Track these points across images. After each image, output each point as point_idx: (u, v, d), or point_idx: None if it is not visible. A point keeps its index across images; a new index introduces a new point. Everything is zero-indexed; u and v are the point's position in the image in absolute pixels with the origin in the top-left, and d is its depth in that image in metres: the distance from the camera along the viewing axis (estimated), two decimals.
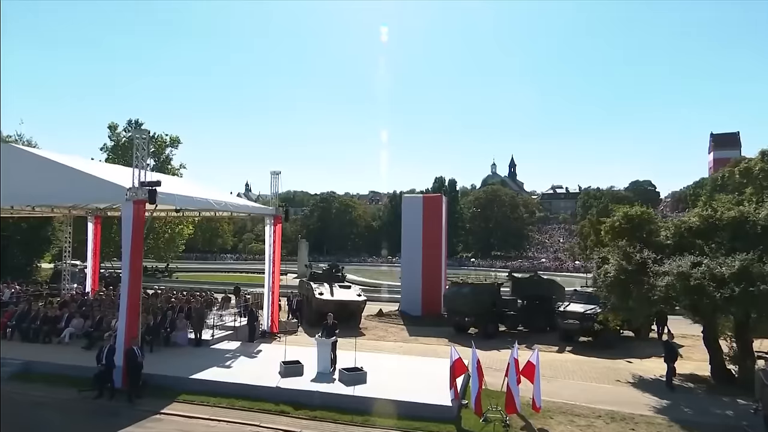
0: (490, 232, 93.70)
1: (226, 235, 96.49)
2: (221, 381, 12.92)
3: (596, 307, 19.46)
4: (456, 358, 12.03)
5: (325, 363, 13.69)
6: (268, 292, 20.45)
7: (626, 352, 19.07)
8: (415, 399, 11.62)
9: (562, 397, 12.99)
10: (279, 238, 20.83)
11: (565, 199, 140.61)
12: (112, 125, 48.44)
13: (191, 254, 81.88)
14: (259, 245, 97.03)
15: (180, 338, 17.05)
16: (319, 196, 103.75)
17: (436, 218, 29.43)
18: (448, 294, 23.91)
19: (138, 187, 13.42)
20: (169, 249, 50.62)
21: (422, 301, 27.88)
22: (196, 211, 22.00)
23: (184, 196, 15.42)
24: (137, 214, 13.44)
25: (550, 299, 23.34)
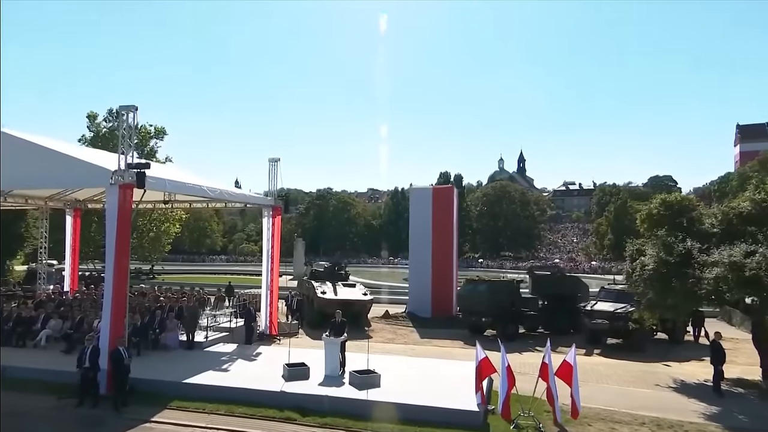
0: (499, 230, 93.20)
1: (216, 236, 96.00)
2: (218, 385, 12.48)
3: (627, 306, 19.07)
4: (482, 358, 11.58)
5: (334, 365, 13.29)
6: (266, 290, 19.97)
7: (661, 355, 18.63)
8: (436, 403, 11.25)
9: (597, 403, 12.55)
10: (278, 231, 20.38)
11: (578, 196, 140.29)
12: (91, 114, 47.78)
13: (177, 255, 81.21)
14: (250, 246, 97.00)
15: (170, 340, 16.60)
16: (316, 193, 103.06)
17: (447, 211, 28.97)
18: (462, 292, 23.51)
19: (124, 169, 12.89)
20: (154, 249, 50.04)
21: (432, 302, 27.42)
22: (186, 203, 21.63)
23: (175, 182, 14.92)
24: (123, 199, 12.94)
25: (573, 298, 22.92)
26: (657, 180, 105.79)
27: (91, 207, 24.02)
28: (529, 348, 19.51)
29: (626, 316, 18.66)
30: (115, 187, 12.87)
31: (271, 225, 20.07)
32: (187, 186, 15.37)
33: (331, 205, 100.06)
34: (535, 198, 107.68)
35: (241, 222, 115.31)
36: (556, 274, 24.48)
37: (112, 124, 45.10)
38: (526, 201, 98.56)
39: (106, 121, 47.29)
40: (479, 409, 11.13)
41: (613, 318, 19.25)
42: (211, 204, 21.37)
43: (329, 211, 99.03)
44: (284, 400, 11.67)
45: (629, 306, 18.87)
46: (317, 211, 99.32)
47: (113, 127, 43.33)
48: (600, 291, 21.93)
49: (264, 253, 20.25)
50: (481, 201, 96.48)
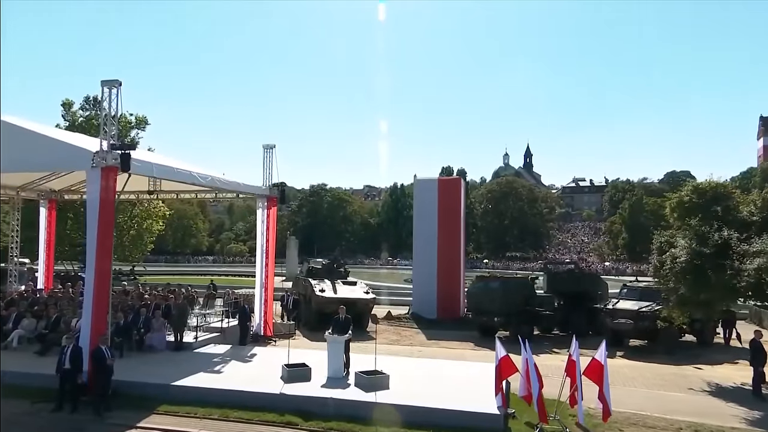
0: (505, 229, 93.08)
1: (201, 235, 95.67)
2: (211, 388, 12.22)
3: (653, 304, 18.84)
4: (502, 356, 11.33)
5: (337, 365, 13.05)
6: (261, 288, 19.63)
7: (690, 358, 18.42)
8: (452, 406, 11.07)
9: (626, 407, 12.34)
10: (274, 224, 20.07)
11: (589, 193, 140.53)
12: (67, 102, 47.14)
13: (160, 256, 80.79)
14: (239, 246, 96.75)
15: (156, 340, 16.29)
16: (309, 189, 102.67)
17: (454, 205, 28.74)
18: (473, 290, 23.28)
19: (107, 151, 12.50)
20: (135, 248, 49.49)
21: (438, 302, 27.14)
22: (173, 193, 21.22)
23: (162, 166, 14.56)
24: (106, 184, 12.58)
25: (592, 297, 22.71)
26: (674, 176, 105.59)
27: (69, 198, 23.55)
28: (546, 350, 19.29)
29: (652, 315, 18.43)
30: (96, 171, 12.52)
31: (265, 217, 19.71)
32: (176, 171, 14.98)
33: (325, 202, 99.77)
34: (543, 195, 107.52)
35: (228, 221, 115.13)
36: (574, 271, 24.17)
37: (89, 112, 44.48)
38: (534, 198, 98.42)
39: (83, 109, 46.67)
40: (500, 412, 10.88)
41: (637, 317, 18.97)
42: (200, 194, 20.97)
43: (323, 209, 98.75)
44: (284, 403, 11.44)
45: (655, 304, 18.65)
46: (311, 209, 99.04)
47: (91, 116, 42.73)
48: (622, 289, 21.68)
49: (258, 248, 19.92)
50: (486, 198, 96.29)
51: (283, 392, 11.81)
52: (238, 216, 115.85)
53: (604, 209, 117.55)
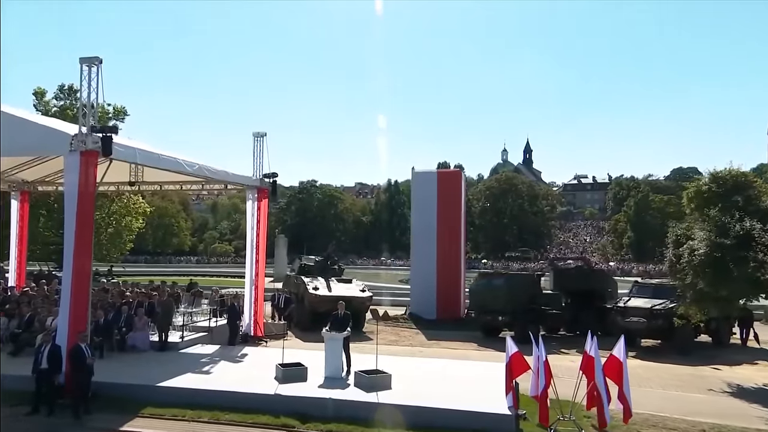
0: (505, 228, 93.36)
1: (184, 234, 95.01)
2: (200, 389, 12.03)
3: (667, 302, 18.78)
4: (513, 353, 11.18)
5: (335, 365, 12.90)
6: (251, 286, 19.44)
7: (706, 358, 18.37)
8: (459, 406, 10.95)
9: (644, 408, 12.21)
10: (265, 217, 19.90)
11: (591, 191, 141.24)
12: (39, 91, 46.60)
13: (140, 256, 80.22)
14: (223, 246, 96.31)
15: (139, 340, 16.05)
16: (298, 186, 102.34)
17: (454, 199, 28.61)
18: (475, 288, 23.20)
19: (87, 133, 12.21)
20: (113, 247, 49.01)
21: (437, 302, 26.99)
22: (156, 184, 20.91)
23: (147, 152, 14.27)
24: (86, 170, 12.31)
25: (602, 295, 22.65)
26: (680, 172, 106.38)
27: (43, 190, 23.10)
28: (553, 350, 19.14)
29: (667, 313, 18.38)
30: (75, 156, 12.23)
31: (256, 210, 19.50)
32: (161, 158, 14.71)
33: (315, 200, 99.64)
34: (544, 192, 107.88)
35: (212, 219, 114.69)
36: (582, 268, 24.10)
37: (64, 102, 43.94)
38: (535, 195, 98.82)
39: (57, 98, 46.10)
40: (511, 413, 10.75)
41: (651, 316, 18.90)
42: (185, 186, 20.66)
43: (313, 206, 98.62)
44: (280, 404, 11.27)
45: (669, 302, 18.60)
46: (300, 206, 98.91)
47: (65, 106, 42.19)
48: (633, 286, 21.64)
49: (248, 243, 19.72)
50: (484, 195, 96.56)
51: (278, 393, 11.65)
52: (223, 214, 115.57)
53: (607, 207, 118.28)
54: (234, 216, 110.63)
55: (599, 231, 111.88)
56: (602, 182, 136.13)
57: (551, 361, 16.65)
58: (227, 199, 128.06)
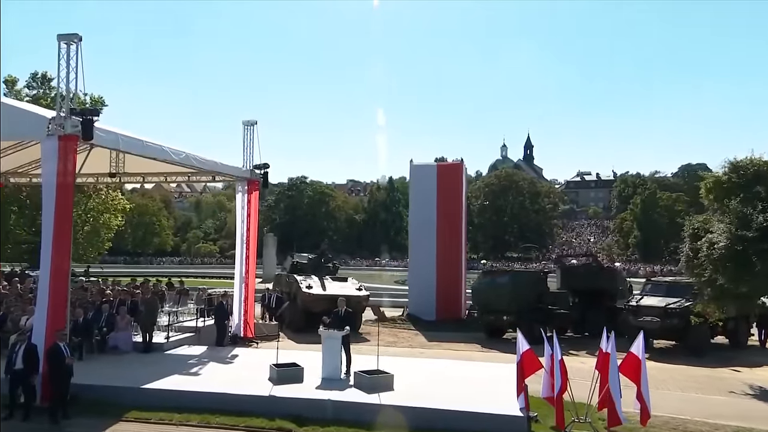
0: (505, 226, 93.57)
1: (165, 234, 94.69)
2: (189, 390, 11.95)
3: (682, 300, 18.77)
4: (525, 350, 11.09)
5: (334, 365, 12.81)
6: (240, 284, 19.27)
7: (723, 360, 18.34)
8: (467, 407, 10.90)
9: (663, 410, 12.09)
10: (255, 210, 19.74)
11: (595, 188, 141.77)
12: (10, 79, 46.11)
13: (118, 257, 79.75)
14: (208, 246, 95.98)
15: (121, 341, 15.86)
16: (288, 182, 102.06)
17: (455, 194, 28.51)
18: (478, 286, 23.14)
19: (66, 116, 11.97)
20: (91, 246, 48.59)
21: (437, 302, 26.84)
22: (138, 176, 20.67)
23: (130, 138, 14.03)
24: (65, 156, 12.08)
25: (611, 294, 22.63)
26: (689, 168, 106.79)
27: (16, 182, 22.72)
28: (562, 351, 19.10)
29: (682, 312, 18.35)
30: (53, 141, 12.00)
31: (246, 203, 19.32)
32: (145, 145, 14.47)
33: (305, 197, 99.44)
34: (545, 189, 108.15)
35: (196, 218, 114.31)
36: (591, 266, 24.06)
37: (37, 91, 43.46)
38: (536, 192, 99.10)
39: (30, 87, 45.60)
40: (523, 415, 10.68)
41: (665, 315, 18.83)
42: (170, 178, 20.46)
43: (303, 204, 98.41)
44: (275, 406, 11.20)
45: (684, 300, 18.57)
46: (289, 204, 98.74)
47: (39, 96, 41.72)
48: (646, 284, 21.64)
49: (238, 239, 19.53)
50: (483, 192, 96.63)
51: (273, 394, 11.59)
52: (207, 213, 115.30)
53: (612, 206, 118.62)
54: (219, 214, 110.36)
55: (603, 230, 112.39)
56: (606, 179, 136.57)
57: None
58: (212, 197, 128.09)
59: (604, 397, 10.57)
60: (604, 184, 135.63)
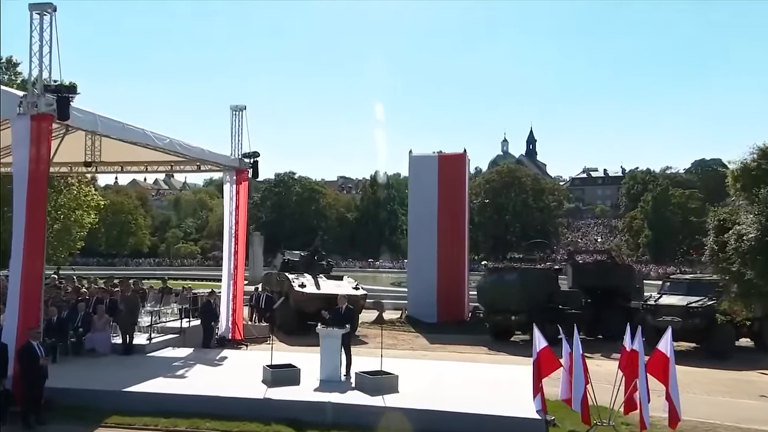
0: (506, 225, 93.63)
1: (142, 233, 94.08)
2: (176, 393, 11.82)
3: (704, 299, 18.81)
4: (542, 347, 10.97)
5: (332, 366, 12.74)
6: (228, 282, 19.18)
7: (748, 362, 18.35)
8: (480, 410, 10.87)
9: (690, 414, 12.01)
10: (245, 202, 19.69)
11: (603, 186, 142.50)
12: None
13: (91, 258, 79.23)
14: (188, 246, 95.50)
15: (99, 342, 15.63)
16: (274, 178, 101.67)
17: (458, 187, 28.64)
18: (484, 284, 23.24)
19: (40, 93, 11.74)
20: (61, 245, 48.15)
21: (438, 303, 26.92)
22: (117, 165, 20.41)
23: (110, 120, 13.81)
24: (38, 137, 11.85)
25: (627, 293, 22.66)
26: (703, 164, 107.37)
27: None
28: None
29: (705, 311, 18.40)
30: (25, 121, 11.77)
31: (234, 194, 19.25)
32: (127, 128, 14.26)
33: (294, 194, 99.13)
34: (550, 186, 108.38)
35: (175, 216, 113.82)
36: (605, 263, 24.06)
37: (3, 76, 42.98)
38: (540, 189, 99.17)
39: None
40: (540, 417, 10.62)
41: (686, 314, 18.81)
42: (151, 167, 20.22)
43: (291, 201, 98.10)
44: (270, 409, 11.13)
45: (707, 299, 18.55)
46: (276, 201, 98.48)
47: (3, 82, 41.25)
48: (664, 282, 21.63)
49: (225, 233, 19.49)
50: (484, 189, 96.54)
51: (267, 397, 11.52)
52: (187, 211, 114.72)
53: (620, 204, 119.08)
54: (200, 213, 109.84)
55: (611, 230, 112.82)
56: (614, 176, 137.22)
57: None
58: (192, 195, 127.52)
59: (630, 399, 10.46)
60: (612, 181, 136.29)
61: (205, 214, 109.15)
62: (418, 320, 26.21)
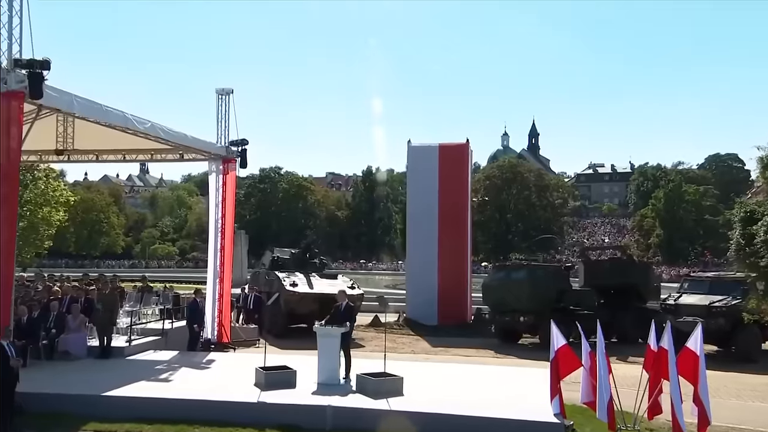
0: (507, 225, 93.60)
1: (115, 233, 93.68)
2: (161, 398, 11.67)
3: (728, 298, 18.86)
4: (560, 346, 10.86)
5: (331, 367, 12.64)
6: (214, 280, 18.94)
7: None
8: (493, 414, 10.82)
9: (720, 419, 11.97)
10: (232, 194, 19.45)
11: (610, 182, 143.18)
12: None
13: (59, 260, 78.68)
14: (165, 246, 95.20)
15: (73, 344, 15.48)
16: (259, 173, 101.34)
17: (460, 179, 28.49)
18: (490, 283, 23.27)
19: (9, 68, 11.52)
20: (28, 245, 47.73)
21: (439, 304, 26.83)
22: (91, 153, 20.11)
23: (87, 101, 13.59)
24: (8, 116, 11.61)
25: (643, 292, 22.65)
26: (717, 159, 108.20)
27: None
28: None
29: (730, 311, 18.38)
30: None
31: (220, 185, 18.94)
32: (105, 109, 14.02)
33: (280, 190, 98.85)
34: (555, 183, 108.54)
35: (151, 215, 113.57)
36: (621, 260, 24.02)
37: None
38: (545, 186, 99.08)
39: None
40: (559, 421, 10.54)
41: (709, 314, 18.76)
42: (130, 156, 19.95)
43: (278, 198, 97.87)
44: (265, 414, 11.04)
45: (730, 298, 18.56)
46: (261, 198, 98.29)
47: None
48: (683, 281, 21.63)
49: (211, 227, 19.18)
50: (484, 186, 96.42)
51: (262, 401, 11.40)
52: (164, 209, 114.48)
53: (629, 202, 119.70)
54: (178, 211, 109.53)
55: (620, 230, 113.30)
56: (623, 172, 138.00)
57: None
58: (169, 192, 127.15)
59: (655, 402, 10.34)
60: (620, 177, 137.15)
61: (183, 212, 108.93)
62: (417, 322, 26.13)
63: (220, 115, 19.13)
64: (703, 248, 78.28)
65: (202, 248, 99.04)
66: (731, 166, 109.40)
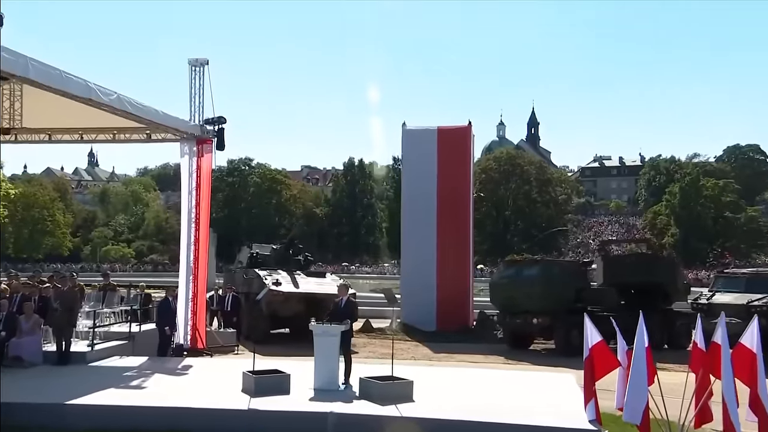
0: (506, 223, 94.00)
1: (61, 232, 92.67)
2: (136, 406, 11.46)
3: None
4: (596, 343, 10.72)
5: (329, 370, 12.53)
6: (187, 278, 18.65)
7: None
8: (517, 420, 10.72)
9: None
10: (208, 180, 19.17)
11: (618, 177, 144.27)
12: None
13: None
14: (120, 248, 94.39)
15: (27, 349, 15.15)
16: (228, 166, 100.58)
17: (461, 166, 28.68)
18: (499, 281, 23.44)
19: None
20: None
21: (438, 307, 27.09)
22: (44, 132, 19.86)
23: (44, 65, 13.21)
24: None
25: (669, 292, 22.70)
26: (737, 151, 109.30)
27: None
28: None
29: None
30: None
31: (194, 169, 18.64)
32: (65, 77, 13.64)
33: (251, 184, 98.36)
34: (557, 176, 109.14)
35: (102, 213, 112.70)
36: (645, 255, 24.11)
37: None
38: (546, 180, 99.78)
39: None
40: (595, 428, 10.43)
41: (749, 314, 18.74)
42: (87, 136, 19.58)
43: (248, 193, 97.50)
44: (257, 422, 10.88)
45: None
46: (230, 194, 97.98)
47: None
48: (715, 278, 21.72)
49: (183, 217, 18.96)
50: (480, 180, 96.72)
51: (253, 408, 11.24)
52: (117, 206, 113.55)
53: (639, 198, 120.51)
54: (134, 208, 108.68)
55: (629, 229, 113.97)
56: (632, 165, 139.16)
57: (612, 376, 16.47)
58: (123, 186, 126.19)
59: (705, 408, 10.19)
60: (629, 171, 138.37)
61: (139, 209, 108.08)
62: (413, 328, 26.29)
63: (193, 90, 18.94)
64: (723, 249, 78.86)
65: (161, 250, 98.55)
66: (752, 159, 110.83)
